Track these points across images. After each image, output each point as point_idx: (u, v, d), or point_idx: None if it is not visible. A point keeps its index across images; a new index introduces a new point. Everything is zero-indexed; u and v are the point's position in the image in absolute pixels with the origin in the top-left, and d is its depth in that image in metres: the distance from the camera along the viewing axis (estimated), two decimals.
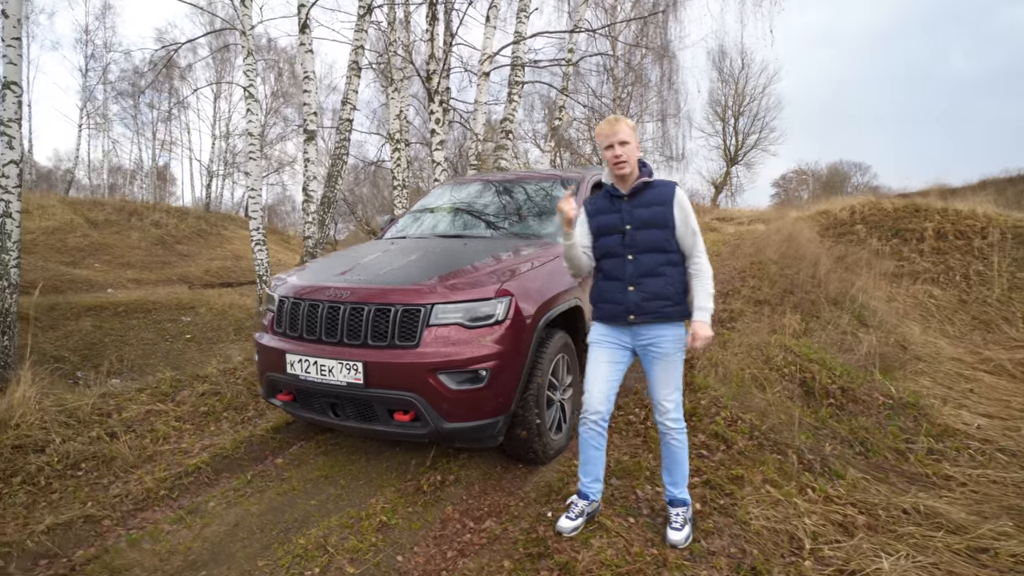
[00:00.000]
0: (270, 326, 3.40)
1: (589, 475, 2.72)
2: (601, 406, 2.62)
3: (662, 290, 2.51)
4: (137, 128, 28.48)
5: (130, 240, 17.58)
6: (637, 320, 2.53)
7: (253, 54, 10.33)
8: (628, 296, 2.53)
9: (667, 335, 2.54)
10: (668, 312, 2.52)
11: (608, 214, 2.62)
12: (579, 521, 2.65)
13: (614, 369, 2.64)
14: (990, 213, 10.61)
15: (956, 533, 2.90)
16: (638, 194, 2.57)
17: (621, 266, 2.56)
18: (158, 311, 11.96)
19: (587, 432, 2.67)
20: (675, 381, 2.59)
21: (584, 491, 2.72)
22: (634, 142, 2.54)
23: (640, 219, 2.54)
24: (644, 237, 2.52)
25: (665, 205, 2.52)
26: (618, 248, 2.57)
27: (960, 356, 6.80)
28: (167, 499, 3.06)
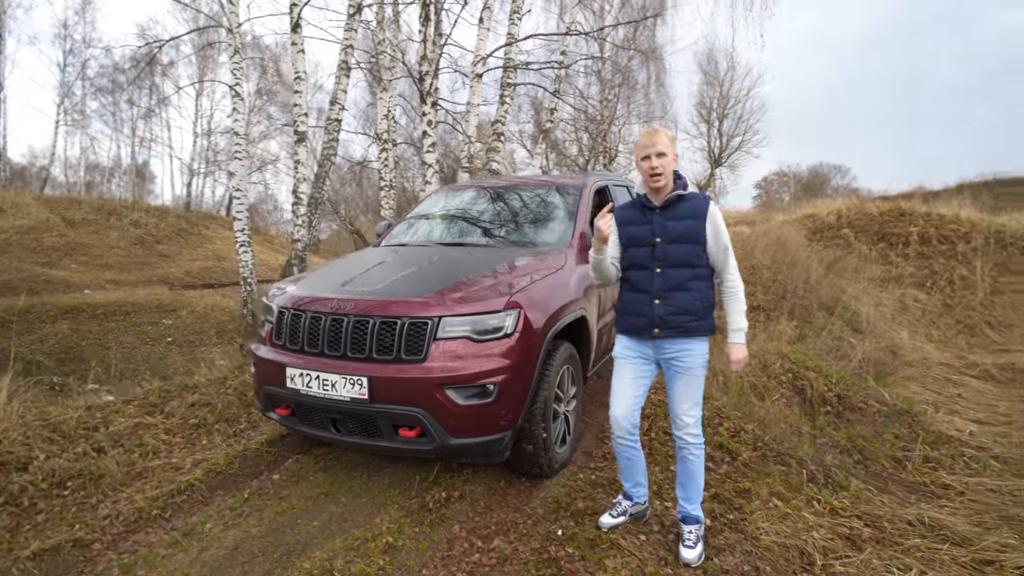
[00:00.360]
0: (268, 338, 3.30)
1: (628, 480, 2.83)
2: (626, 421, 2.64)
3: (689, 305, 2.49)
4: (116, 125, 27.93)
5: (108, 240, 17.19)
6: (661, 334, 2.52)
7: (240, 52, 10.14)
8: (654, 309, 2.52)
9: (691, 350, 2.52)
10: (693, 327, 2.50)
11: (639, 225, 2.59)
12: (620, 520, 2.77)
13: (639, 385, 2.64)
14: (972, 218, 10.80)
15: (961, 545, 2.91)
16: (671, 207, 2.54)
17: (649, 279, 2.55)
18: (138, 313, 11.71)
19: (617, 447, 2.74)
20: (696, 396, 2.57)
21: (628, 492, 2.84)
22: (671, 154, 2.50)
23: (672, 232, 2.51)
24: (674, 251, 2.51)
25: (698, 219, 2.49)
26: (647, 260, 2.56)
27: (947, 361, 6.89)
28: (160, 519, 2.95)
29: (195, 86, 26.01)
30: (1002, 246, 9.95)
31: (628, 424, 2.64)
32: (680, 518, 2.69)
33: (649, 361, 2.63)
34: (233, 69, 9.92)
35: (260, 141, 27.76)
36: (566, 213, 4.27)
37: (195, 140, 28.32)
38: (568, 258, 3.69)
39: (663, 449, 3.57)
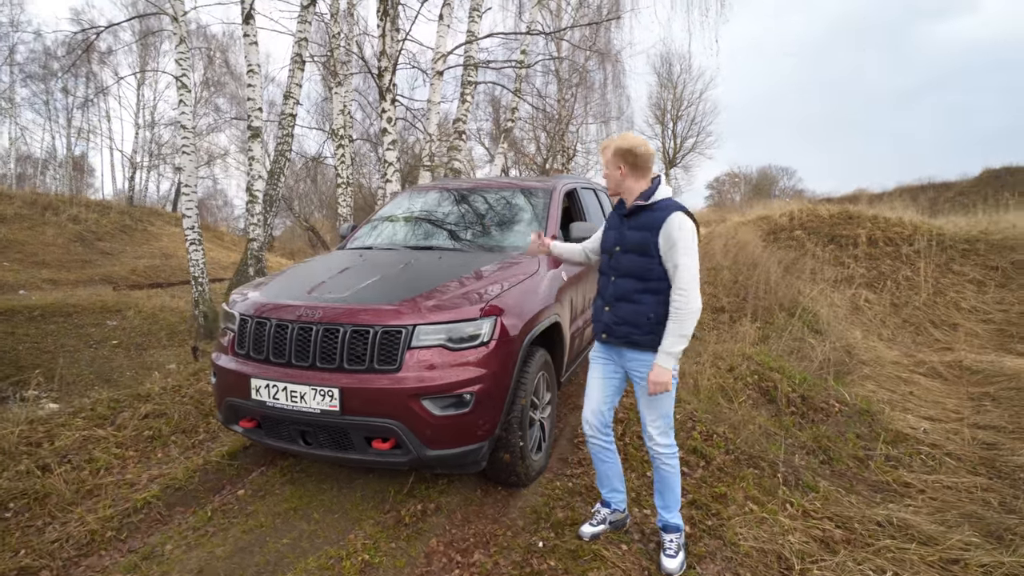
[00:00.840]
0: (230, 347, 3.12)
1: (605, 486, 2.81)
2: (594, 419, 2.68)
3: (632, 317, 2.49)
4: (49, 114, 26.44)
5: (44, 236, 16.24)
6: (608, 340, 2.58)
7: (186, 41, 9.69)
8: (603, 315, 2.60)
9: (645, 361, 2.49)
10: (636, 340, 2.49)
11: (611, 230, 2.65)
12: (600, 528, 2.74)
13: (606, 384, 2.68)
14: (916, 221, 11.28)
15: (927, 544, 3.00)
16: (634, 215, 2.53)
17: (605, 285, 2.61)
18: (80, 315, 11.09)
19: (591, 447, 2.75)
20: (660, 408, 2.55)
21: (606, 499, 2.82)
22: (614, 165, 2.52)
23: (629, 242, 2.51)
24: (626, 261, 2.51)
25: (651, 231, 2.42)
26: (606, 267, 2.63)
27: (898, 360, 7.16)
28: (115, 541, 2.76)
29: (136, 76, 24.85)
30: (942, 248, 10.42)
31: (597, 422, 2.68)
32: (660, 527, 2.67)
33: (616, 365, 2.65)
34: (179, 59, 9.47)
35: (208, 134, 26.79)
36: (536, 216, 4.22)
37: (137, 132, 27.09)
38: (540, 263, 3.63)
39: (638, 455, 3.56)
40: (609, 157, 2.52)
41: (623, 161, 2.50)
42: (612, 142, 2.53)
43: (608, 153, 2.53)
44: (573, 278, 3.98)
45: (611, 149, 2.52)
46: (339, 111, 12.03)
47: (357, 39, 12.06)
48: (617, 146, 2.51)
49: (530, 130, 24.22)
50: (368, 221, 4.69)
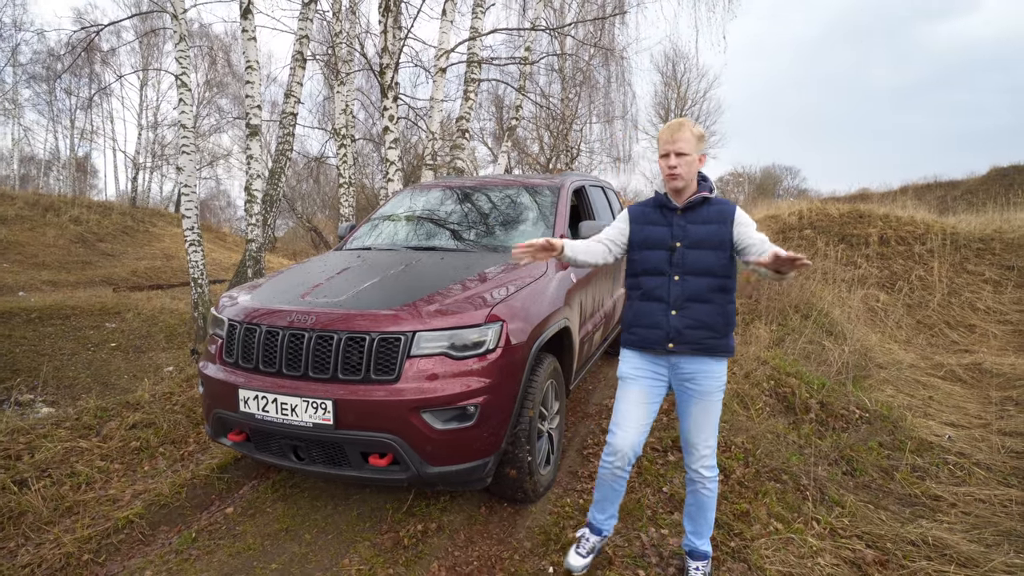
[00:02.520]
0: (218, 354, 2.93)
1: (605, 512, 2.51)
2: (629, 451, 2.35)
3: (709, 318, 2.23)
4: (53, 115, 26.33)
5: (45, 238, 16.12)
6: (676, 349, 2.25)
7: (186, 40, 9.52)
8: (671, 321, 2.25)
9: (710, 371, 2.26)
10: (710, 344, 2.24)
11: (657, 226, 2.33)
12: (590, 558, 2.49)
13: (648, 411, 2.36)
14: (928, 219, 11.04)
15: (967, 567, 2.78)
16: (694, 209, 2.28)
17: (665, 286, 2.28)
18: (78, 317, 10.94)
19: (610, 476, 2.43)
20: (715, 424, 2.32)
21: (598, 526, 2.53)
22: (695, 153, 2.23)
23: (694, 236, 2.25)
24: (696, 257, 2.24)
25: (724, 224, 2.23)
26: (664, 266, 2.29)
27: (915, 363, 6.93)
28: (92, 565, 2.56)
29: (139, 76, 24.75)
30: (956, 247, 10.18)
31: (632, 455, 2.35)
32: (687, 551, 2.46)
33: (661, 381, 2.35)
34: (179, 58, 9.29)
35: (211, 135, 26.68)
36: (543, 215, 4.02)
37: (140, 133, 26.98)
38: (548, 264, 3.43)
39: (653, 468, 3.35)
40: (692, 142, 2.20)
41: (703, 148, 2.26)
42: (686, 125, 2.22)
43: (690, 137, 2.20)
44: (582, 280, 3.78)
45: (691, 131, 2.21)
46: (341, 110, 11.85)
47: (359, 37, 11.88)
48: (695, 131, 2.22)
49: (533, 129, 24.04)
50: (367, 220, 4.50)
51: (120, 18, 17.64)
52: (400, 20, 10.64)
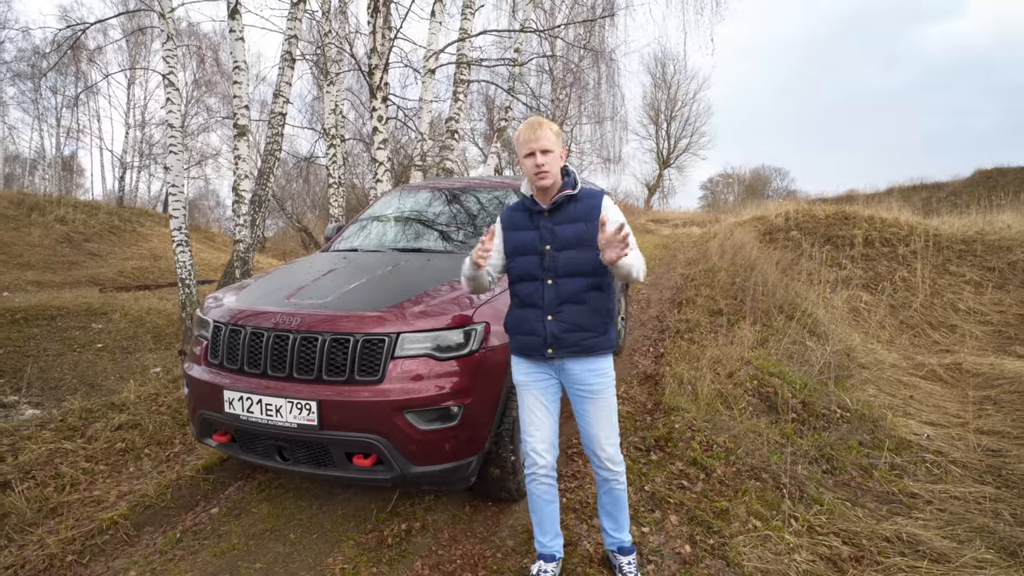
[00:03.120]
0: (203, 356, 2.94)
1: (548, 533, 2.42)
2: (548, 455, 2.31)
3: (584, 319, 2.21)
4: (38, 114, 26.09)
5: (30, 237, 15.96)
6: (556, 354, 2.22)
7: (173, 38, 9.48)
8: (547, 327, 2.22)
9: (595, 369, 2.23)
10: (590, 344, 2.21)
11: (525, 231, 2.28)
12: None
13: (551, 413, 2.33)
14: (912, 221, 11.19)
15: (940, 562, 2.85)
16: (560, 209, 2.25)
17: (539, 291, 2.24)
18: (64, 317, 10.85)
19: (537, 487, 2.34)
20: (612, 419, 2.30)
21: (548, 552, 2.42)
22: (558, 150, 2.22)
23: (562, 238, 2.21)
24: (567, 259, 2.20)
25: (591, 221, 2.18)
26: (536, 271, 2.24)
27: (897, 363, 7.03)
28: (76, 566, 2.58)
29: (126, 74, 24.56)
30: (939, 249, 10.32)
31: (550, 459, 2.31)
32: (615, 550, 2.43)
33: (553, 381, 2.32)
34: (166, 56, 9.25)
35: (199, 134, 26.52)
36: None
37: (128, 132, 26.78)
38: None
39: (635, 467, 3.40)
40: (552, 139, 2.17)
41: (561, 143, 2.24)
42: (544, 123, 2.20)
43: (550, 135, 2.17)
44: None
45: (550, 129, 2.18)
46: (331, 110, 11.84)
47: (348, 37, 11.87)
48: (552, 128, 2.19)
49: None
50: (355, 221, 4.52)
51: (107, 16, 17.52)
52: (390, 21, 10.66)
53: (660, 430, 3.77)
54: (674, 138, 35.37)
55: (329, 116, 11.85)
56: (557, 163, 2.21)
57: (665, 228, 23.60)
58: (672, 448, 3.57)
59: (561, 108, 21.89)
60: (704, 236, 11.87)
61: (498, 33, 10.50)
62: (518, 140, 2.24)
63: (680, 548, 2.68)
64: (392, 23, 10.29)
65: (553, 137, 2.19)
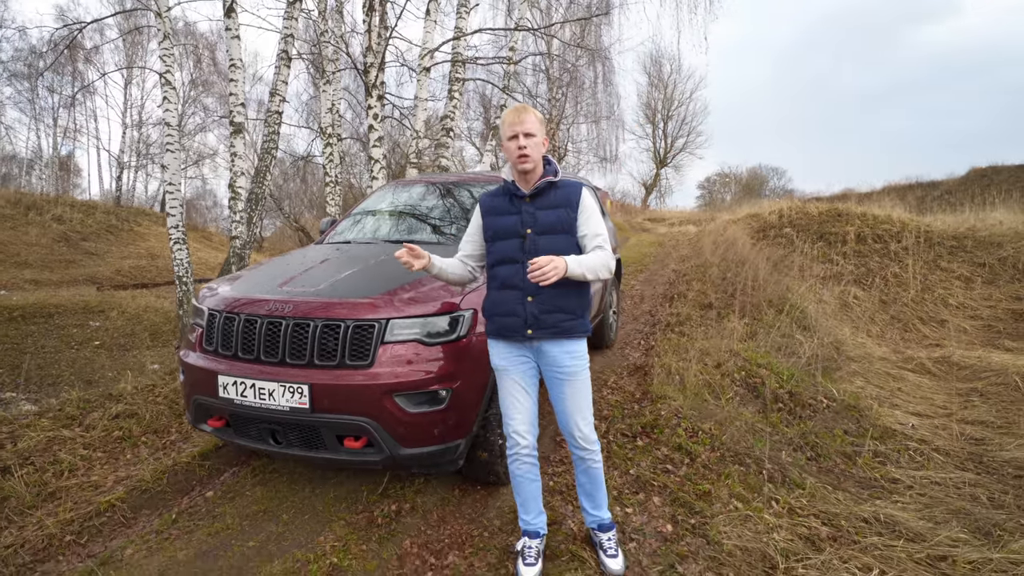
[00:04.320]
0: (198, 343, 3.02)
1: (532, 511, 2.49)
2: (529, 435, 2.40)
3: (564, 302, 2.29)
4: (35, 113, 26.11)
5: (27, 236, 16.00)
6: (535, 335, 2.30)
7: (170, 38, 9.55)
8: (527, 308, 2.29)
9: (572, 351, 2.32)
10: (568, 326, 2.30)
11: (506, 216, 2.37)
12: (540, 565, 2.42)
13: (530, 395, 2.41)
14: (903, 218, 11.28)
15: (915, 541, 2.93)
16: (541, 195, 2.33)
17: (520, 274, 2.30)
18: (62, 315, 10.91)
19: (520, 467, 2.42)
20: (587, 401, 2.39)
21: (532, 529, 2.49)
22: (541, 135, 2.30)
23: (543, 223, 2.29)
24: (546, 243, 2.28)
25: (571, 208, 2.29)
26: (517, 254, 2.32)
27: (886, 356, 7.12)
28: (74, 546, 2.64)
29: (123, 74, 24.59)
30: (930, 245, 10.42)
31: (531, 438, 2.40)
32: (595, 527, 2.52)
33: (531, 364, 2.40)
34: (163, 56, 9.32)
35: (196, 134, 26.57)
36: None
37: (125, 131, 26.81)
38: None
39: (621, 452, 3.48)
40: (535, 124, 2.26)
41: (544, 131, 2.32)
42: (528, 108, 2.28)
43: (533, 120, 2.26)
44: None
45: (533, 115, 2.26)
46: (327, 109, 11.90)
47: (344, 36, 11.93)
48: (536, 114, 2.28)
49: None
50: (349, 215, 4.59)
51: (103, 16, 17.55)
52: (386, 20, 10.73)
53: (647, 417, 3.85)
54: (671, 137, 35.50)
55: (326, 115, 11.91)
56: (539, 148, 2.29)
57: (662, 227, 23.70)
58: (658, 435, 3.65)
59: (558, 107, 22.00)
60: (699, 234, 11.95)
61: (493, 32, 10.57)
62: (503, 123, 2.32)
63: (662, 527, 2.76)
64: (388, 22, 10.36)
65: (536, 123, 2.27)
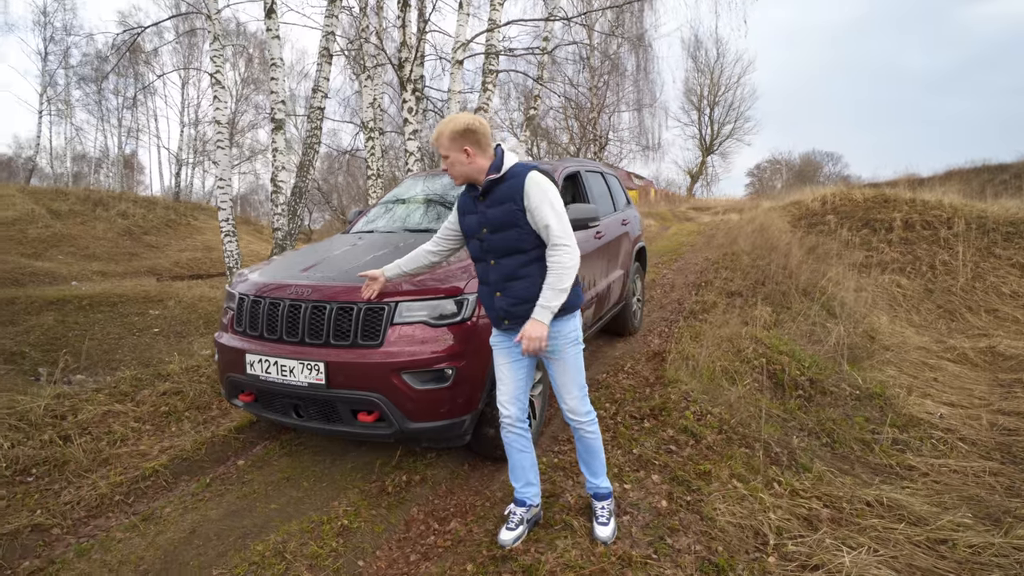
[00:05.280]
0: (230, 325, 3.30)
1: (520, 480, 2.63)
2: (512, 406, 2.53)
3: (526, 293, 2.35)
4: (102, 115, 27.69)
5: (95, 231, 17.08)
6: (510, 326, 2.41)
7: (220, 39, 10.03)
8: (496, 302, 2.42)
9: (555, 332, 2.38)
10: None
11: (470, 215, 2.47)
12: (520, 530, 2.55)
13: (517, 368, 2.51)
14: (956, 203, 10.82)
15: (917, 525, 2.94)
16: (489, 193, 2.38)
17: (485, 271, 2.45)
18: (124, 304, 11.66)
19: (507, 436, 2.58)
20: (575, 377, 2.47)
21: (520, 498, 2.62)
22: (456, 150, 2.31)
23: (493, 220, 2.36)
24: (498, 240, 2.36)
25: (514, 201, 2.30)
26: (478, 252, 2.45)
27: (926, 345, 6.93)
28: (122, 505, 2.96)
29: (180, 75, 25.78)
30: (984, 231, 9.98)
31: (516, 409, 2.53)
32: (592, 494, 2.64)
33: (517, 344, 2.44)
34: (213, 56, 9.82)
35: (249, 131, 27.60)
36: None
37: (183, 130, 28.15)
38: None
39: (627, 433, 3.59)
40: (447, 144, 2.32)
41: (466, 142, 2.31)
42: (443, 128, 2.33)
43: (444, 140, 2.32)
44: None
45: (445, 135, 2.31)
46: (369, 104, 12.25)
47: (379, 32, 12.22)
48: (452, 129, 2.30)
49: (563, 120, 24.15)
50: (376, 204, 4.82)
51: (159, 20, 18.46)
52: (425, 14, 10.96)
53: (656, 400, 3.93)
54: (717, 124, 34.67)
55: (367, 110, 12.26)
56: (459, 165, 2.34)
57: (706, 216, 23.28)
58: (666, 417, 3.73)
59: (599, 95, 21.85)
60: (739, 222, 11.75)
61: (525, 23, 10.65)
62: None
63: (657, 503, 2.86)
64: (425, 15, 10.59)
65: (447, 142, 2.32)
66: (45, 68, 24.70)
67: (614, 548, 2.47)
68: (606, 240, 4.89)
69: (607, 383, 4.45)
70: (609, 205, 5.47)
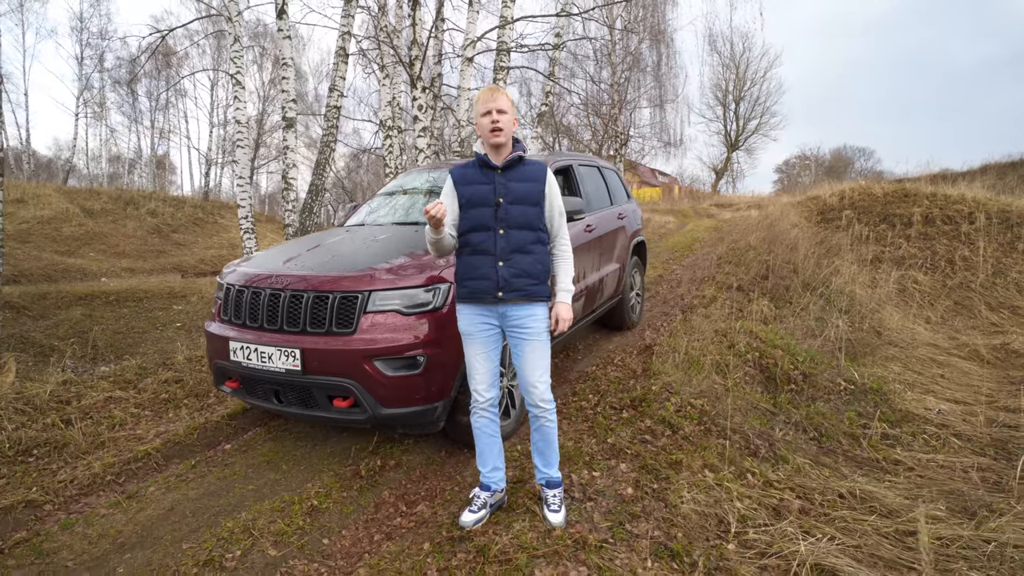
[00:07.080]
0: (217, 314, 3.44)
1: (487, 464, 2.69)
2: (487, 392, 2.62)
3: (530, 268, 2.51)
4: (135, 116, 28.54)
5: (125, 229, 17.66)
6: (504, 297, 2.49)
7: (240, 40, 10.30)
8: (498, 271, 2.49)
9: (534, 314, 2.52)
10: (533, 291, 2.51)
11: (479, 184, 2.56)
12: (482, 513, 2.62)
13: (490, 357, 2.61)
14: (979, 198, 10.52)
15: (888, 517, 2.92)
16: (512, 167, 2.55)
17: (491, 240, 2.51)
18: (150, 300, 12.04)
19: (478, 420, 2.66)
20: (545, 362, 2.57)
21: (485, 482, 2.69)
22: (512, 113, 2.52)
23: (514, 193, 2.51)
24: (517, 212, 2.51)
25: (538, 183, 2.54)
26: (489, 221, 2.51)
27: (936, 342, 6.78)
28: (113, 484, 3.11)
29: (210, 77, 26.43)
30: (1008, 226, 9.69)
31: (489, 395, 2.62)
32: (543, 484, 2.68)
33: (496, 330, 2.59)
34: (233, 57, 10.08)
35: (275, 131, 28.13)
36: None
37: (211, 130, 28.84)
38: None
39: (604, 423, 3.62)
40: (507, 105, 2.50)
41: (515, 112, 2.54)
42: (501, 90, 2.53)
43: (506, 102, 2.50)
44: None
45: (506, 98, 2.51)
46: (387, 102, 12.44)
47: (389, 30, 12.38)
48: (508, 96, 2.54)
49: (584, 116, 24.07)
50: (370, 199, 4.93)
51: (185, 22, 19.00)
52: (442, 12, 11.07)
53: (637, 392, 3.96)
54: (743, 119, 34.13)
55: (385, 108, 12.45)
56: (510, 125, 2.52)
57: (727, 212, 22.95)
58: (645, 408, 3.76)
59: (620, 91, 21.73)
60: (756, 218, 11.60)
61: (535, 19, 10.68)
62: (477, 102, 2.57)
63: (623, 490, 2.90)
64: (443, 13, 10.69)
65: (508, 102, 2.52)
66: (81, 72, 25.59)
67: (571, 532, 2.52)
68: (597, 234, 4.92)
69: (594, 375, 4.49)
70: (605, 199, 5.49)
